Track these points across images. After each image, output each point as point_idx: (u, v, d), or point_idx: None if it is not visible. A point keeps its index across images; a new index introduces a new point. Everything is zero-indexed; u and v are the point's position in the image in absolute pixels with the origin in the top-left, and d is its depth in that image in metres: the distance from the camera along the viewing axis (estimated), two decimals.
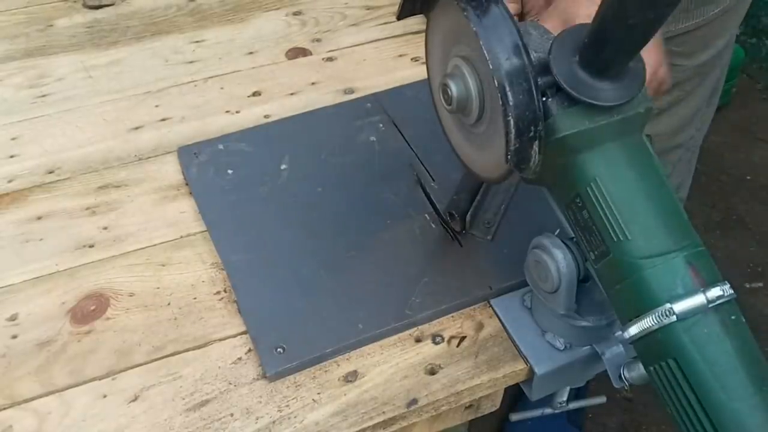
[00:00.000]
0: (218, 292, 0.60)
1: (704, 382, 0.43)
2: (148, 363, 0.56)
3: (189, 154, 0.70)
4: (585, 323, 0.54)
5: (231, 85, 0.79)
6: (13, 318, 0.59)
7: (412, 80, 0.78)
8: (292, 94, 0.78)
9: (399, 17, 0.51)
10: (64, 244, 0.64)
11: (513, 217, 0.63)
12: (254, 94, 0.78)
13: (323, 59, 0.82)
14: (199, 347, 0.57)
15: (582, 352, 0.56)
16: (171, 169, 0.70)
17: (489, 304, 0.60)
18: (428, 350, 0.57)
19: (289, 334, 0.57)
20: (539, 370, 0.56)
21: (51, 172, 0.70)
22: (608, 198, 0.45)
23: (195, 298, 0.60)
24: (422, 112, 0.63)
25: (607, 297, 0.48)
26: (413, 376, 0.56)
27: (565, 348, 0.56)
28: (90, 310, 0.59)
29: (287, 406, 0.54)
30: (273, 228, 0.64)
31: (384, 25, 0.87)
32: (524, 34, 0.44)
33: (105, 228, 0.65)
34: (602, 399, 0.74)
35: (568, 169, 0.46)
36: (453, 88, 0.48)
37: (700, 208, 1.16)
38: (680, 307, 0.43)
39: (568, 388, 0.63)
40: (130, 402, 0.54)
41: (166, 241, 0.64)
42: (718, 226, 1.60)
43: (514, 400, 1.17)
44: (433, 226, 0.64)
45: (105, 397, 0.54)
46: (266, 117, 0.75)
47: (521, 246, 0.56)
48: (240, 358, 0.56)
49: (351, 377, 0.56)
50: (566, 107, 0.45)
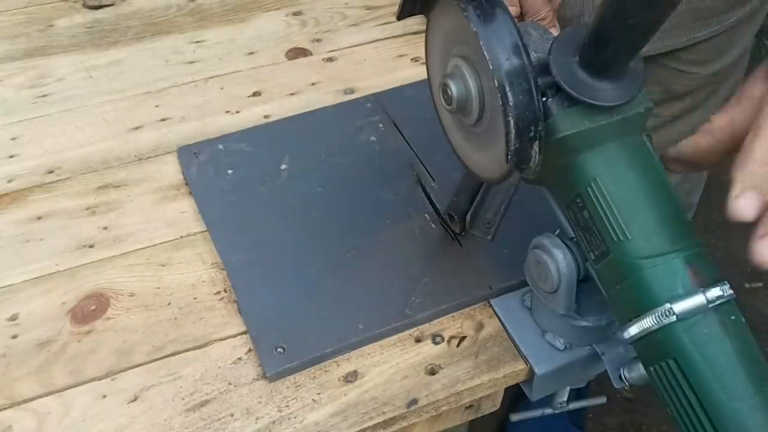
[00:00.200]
0: (218, 292, 0.60)
1: (704, 382, 0.43)
2: (148, 363, 0.56)
3: (189, 154, 0.70)
4: (585, 323, 0.54)
5: (231, 85, 0.79)
6: (13, 318, 0.59)
7: (412, 80, 0.78)
8: (292, 94, 0.78)
9: (399, 17, 0.51)
10: (64, 244, 0.64)
11: (513, 217, 0.63)
12: (254, 94, 0.78)
13: (323, 59, 0.82)
14: (199, 347, 0.57)
15: (582, 352, 0.56)
16: (171, 169, 0.70)
17: (489, 304, 0.60)
18: (428, 350, 0.57)
19: (289, 334, 0.57)
20: (539, 370, 0.56)
21: (51, 172, 0.70)
22: (608, 198, 0.45)
23: (195, 298, 0.60)
24: (422, 112, 0.63)
25: (607, 297, 0.48)
26: (413, 376, 0.56)
27: (565, 348, 0.56)
28: (90, 310, 0.59)
29: (287, 406, 0.54)
30: (273, 228, 0.64)
31: (384, 25, 0.87)
32: (524, 35, 0.44)
33: (105, 228, 0.65)
34: (602, 399, 0.74)
35: (568, 169, 0.46)
36: (453, 88, 0.48)
37: (700, 208, 1.16)
38: (680, 307, 0.43)
39: (568, 388, 0.63)
40: (129, 402, 0.54)
41: (166, 241, 0.64)
42: (718, 226, 1.59)
43: (514, 400, 1.17)
44: (433, 226, 0.64)
45: (105, 397, 0.54)
46: (266, 117, 0.75)
47: (521, 246, 0.56)
48: (240, 358, 0.56)
49: (351, 377, 0.56)
50: (566, 107, 0.45)
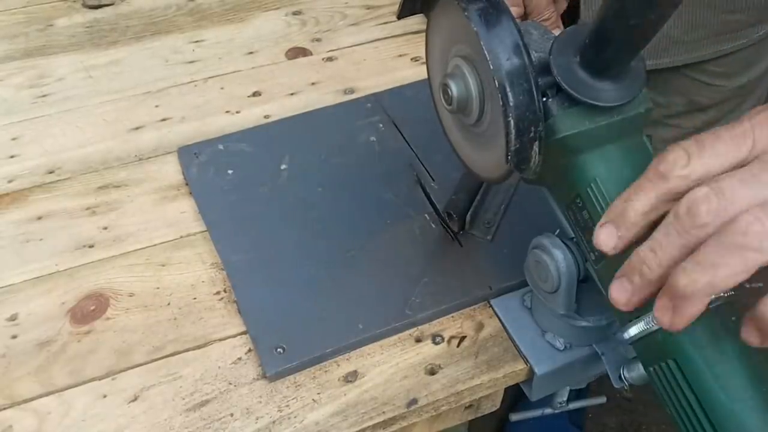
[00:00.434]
0: (218, 292, 0.60)
1: (704, 382, 0.42)
2: (148, 363, 0.56)
3: (189, 155, 0.70)
4: (585, 323, 0.54)
5: (231, 85, 0.79)
6: (13, 318, 0.59)
7: (412, 80, 0.78)
8: (292, 94, 0.78)
9: (399, 17, 0.51)
10: (64, 244, 0.64)
11: (513, 217, 0.63)
12: (254, 94, 0.78)
13: (323, 59, 0.82)
14: (199, 347, 0.57)
15: (582, 352, 0.56)
16: (171, 169, 0.70)
17: (489, 304, 0.60)
18: (428, 350, 0.57)
19: (289, 334, 0.57)
20: (539, 370, 0.56)
21: (51, 172, 0.70)
22: (608, 198, 0.45)
23: (195, 298, 0.60)
24: (422, 112, 0.63)
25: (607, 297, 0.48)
26: (413, 376, 0.56)
27: (565, 348, 0.56)
28: (90, 310, 0.59)
29: (287, 406, 0.54)
30: (273, 228, 0.64)
31: (384, 25, 0.87)
32: (525, 34, 0.44)
33: (105, 228, 0.65)
34: (602, 399, 0.74)
35: (569, 169, 0.46)
36: (453, 87, 0.48)
37: None
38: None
39: (568, 388, 0.63)
40: (130, 402, 0.54)
41: (166, 241, 0.64)
42: None
43: (514, 400, 1.17)
44: (433, 226, 0.64)
45: (105, 397, 0.54)
46: (266, 117, 0.75)
47: (521, 246, 0.56)
48: (240, 358, 0.56)
49: (351, 377, 0.56)
50: (567, 108, 0.45)
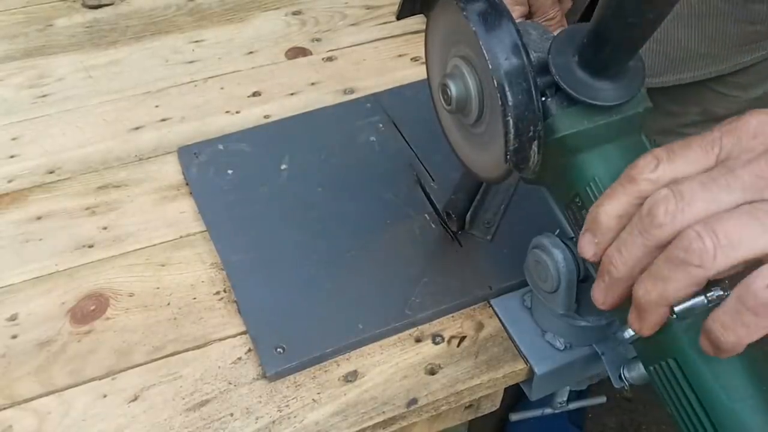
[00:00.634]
0: (218, 292, 0.60)
1: (704, 382, 0.42)
2: (148, 363, 0.56)
3: (189, 155, 0.70)
4: (585, 323, 0.54)
5: (231, 85, 0.79)
6: (13, 318, 0.59)
7: (412, 80, 0.78)
8: (292, 94, 0.78)
9: (399, 17, 0.51)
10: (64, 244, 0.64)
11: (513, 217, 0.63)
12: (254, 94, 0.78)
13: (323, 59, 0.82)
14: (199, 347, 0.57)
15: (582, 352, 0.56)
16: (171, 169, 0.70)
17: (489, 304, 0.60)
18: (428, 350, 0.57)
19: (289, 334, 0.57)
20: (539, 370, 0.56)
21: (51, 172, 0.70)
22: None
23: (195, 298, 0.60)
24: (422, 112, 0.63)
25: None
26: (413, 376, 0.56)
27: (565, 348, 0.56)
28: (90, 310, 0.59)
29: (287, 406, 0.54)
30: (273, 228, 0.64)
31: (384, 25, 0.87)
32: (524, 34, 0.44)
33: (105, 228, 0.65)
34: (602, 399, 0.74)
35: (568, 168, 0.46)
36: (452, 88, 0.48)
37: None
38: (680, 306, 0.43)
39: (568, 388, 0.63)
40: (130, 402, 0.54)
41: (166, 241, 0.64)
42: None
43: (514, 400, 1.17)
44: (433, 226, 0.64)
45: (105, 397, 0.54)
46: (266, 117, 0.75)
47: (521, 246, 0.56)
48: (240, 358, 0.56)
49: (351, 377, 0.56)
50: (565, 107, 0.45)
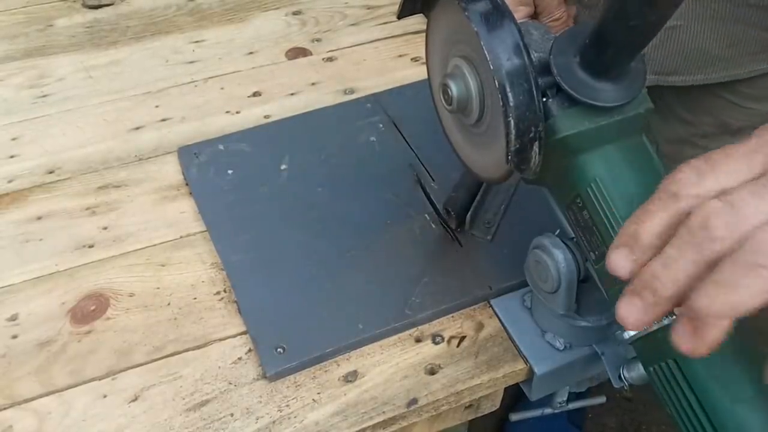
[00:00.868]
0: (218, 292, 0.60)
1: (704, 382, 0.42)
2: (148, 363, 0.56)
3: (189, 155, 0.70)
4: (585, 323, 0.54)
5: (231, 85, 0.79)
6: (13, 318, 0.59)
7: (412, 80, 0.78)
8: (292, 94, 0.78)
9: (399, 17, 0.51)
10: (64, 244, 0.64)
11: (513, 217, 0.63)
12: (254, 94, 0.78)
13: (323, 59, 0.82)
14: (199, 347, 0.57)
15: (582, 352, 0.56)
16: (171, 169, 0.70)
17: (489, 304, 0.60)
18: (428, 350, 0.57)
19: (289, 334, 0.57)
20: (539, 370, 0.56)
21: (51, 172, 0.70)
22: (609, 198, 0.45)
23: (195, 298, 0.60)
24: (422, 112, 0.63)
25: (607, 297, 0.48)
26: (413, 376, 0.56)
27: (565, 348, 0.56)
28: (90, 310, 0.59)
29: (287, 406, 0.54)
30: (273, 228, 0.64)
31: (384, 25, 0.87)
32: (525, 34, 0.44)
33: (105, 228, 0.65)
34: (602, 399, 0.74)
35: (569, 169, 0.46)
36: (453, 88, 0.48)
37: None
38: None
39: (567, 388, 0.63)
40: (130, 402, 0.54)
41: (166, 241, 0.64)
42: None
43: (514, 400, 1.17)
44: (433, 226, 0.64)
45: (105, 397, 0.54)
46: (266, 117, 0.75)
47: (521, 246, 0.56)
48: (240, 358, 0.56)
49: (351, 377, 0.56)
50: (566, 108, 0.45)
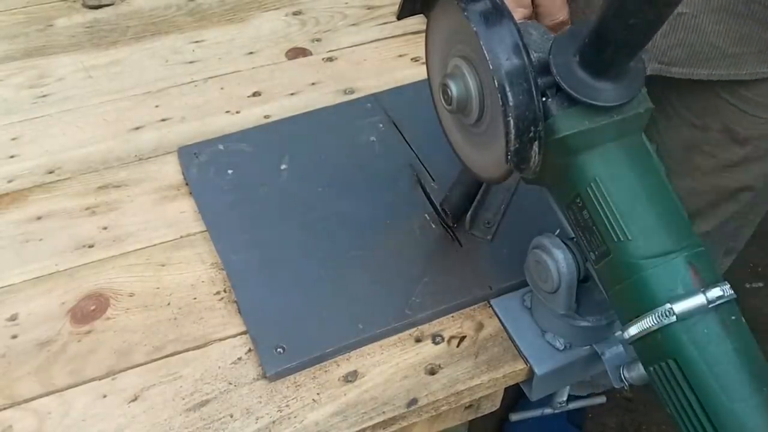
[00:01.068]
0: (218, 292, 0.60)
1: (704, 382, 0.43)
2: (148, 363, 0.56)
3: (189, 155, 0.70)
4: (585, 323, 0.54)
5: (231, 85, 0.79)
6: (13, 318, 0.59)
7: (412, 80, 0.78)
8: (292, 94, 0.78)
9: (399, 17, 0.51)
10: (64, 244, 0.64)
11: (513, 217, 0.63)
12: (254, 94, 0.78)
13: (323, 59, 0.82)
14: (199, 347, 0.57)
15: (582, 352, 0.56)
16: (171, 169, 0.70)
17: (489, 304, 0.60)
18: (428, 350, 0.57)
19: (289, 334, 0.57)
20: (539, 370, 0.56)
21: (51, 172, 0.70)
22: (608, 198, 0.45)
23: (195, 298, 0.60)
24: (422, 112, 0.63)
25: (607, 297, 0.48)
26: (413, 376, 0.56)
27: (565, 348, 0.56)
28: (90, 310, 0.59)
29: (287, 406, 0.54)
30: (273, 228, 0.64)
31: (384, 25, 0.87)
32: (525, 34, 0.44)
33: (105, 228, 0.65)
34: (602, 399, 0.75)
35: (568, 169, 0.46)
36: (453, 88, 0.48)
37: None
38: (680, 307, 0.43)
39: (567, 388, 0.63)
40: (130, 402, 0.54)
41: (166, 241, 0.64)
42: None
43: (514, 400, 1.17)
44: (433, 226, 0.64)
45: (105, 397, 0.54)
46: (266, 117, 0.75)
47: (521, 246, 0.56)
48: (240, 358, 0.56)
49: (351, 377, 0.56)
50: (566, 107, 0.45)
